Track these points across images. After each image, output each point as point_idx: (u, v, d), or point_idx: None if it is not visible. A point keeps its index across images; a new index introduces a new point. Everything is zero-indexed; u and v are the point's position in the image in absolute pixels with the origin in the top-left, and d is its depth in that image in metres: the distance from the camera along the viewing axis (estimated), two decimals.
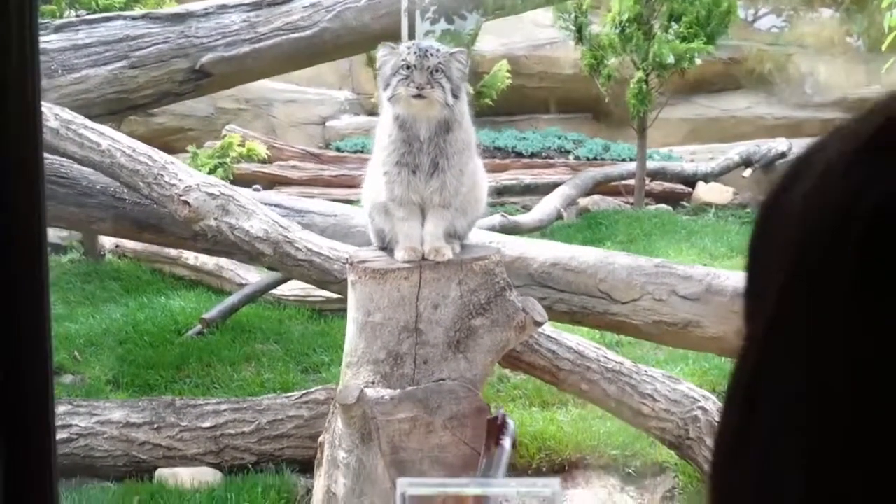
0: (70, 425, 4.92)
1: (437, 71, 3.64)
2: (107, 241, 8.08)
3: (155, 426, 5.00)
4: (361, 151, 10.93)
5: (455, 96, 3.67)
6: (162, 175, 4.61)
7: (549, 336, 4.29)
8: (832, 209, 0.60)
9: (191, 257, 7.50)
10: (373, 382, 3.73)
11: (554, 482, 1.48)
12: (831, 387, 0.59)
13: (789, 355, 0.61)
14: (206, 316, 6.54)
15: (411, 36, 6.67)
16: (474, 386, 3.75)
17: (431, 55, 3.65)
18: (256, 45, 6.18)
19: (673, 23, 9.32)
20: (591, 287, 4.66)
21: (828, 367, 0.59)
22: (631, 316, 4.60)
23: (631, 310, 4.60)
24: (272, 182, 10.37)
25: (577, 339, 4.37)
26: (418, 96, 3.62)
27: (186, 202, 4.51)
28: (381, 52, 3.75)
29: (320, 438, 3.96)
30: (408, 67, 3.63)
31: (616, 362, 4.30)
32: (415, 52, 3.65)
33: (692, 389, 4.23)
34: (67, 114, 4.94)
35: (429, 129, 3.70)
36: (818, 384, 0.59)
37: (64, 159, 5.21)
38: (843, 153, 0.61)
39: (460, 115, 3.76)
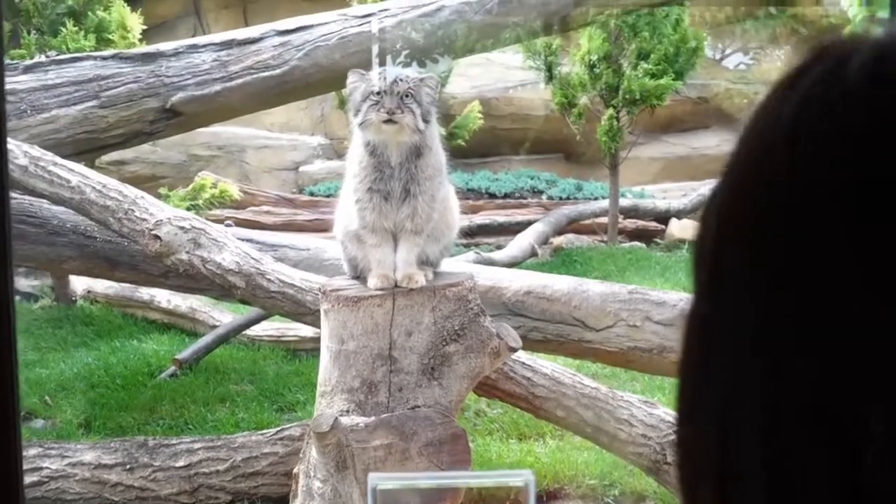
0: (41, 468, 4.84)
1: (406, 96, 3.65)
2: (78, 287, 8.02)
3: (127, 467, 4.92)
4: (335, 196, 10.94)
5: (426, 121, 3.69)
6: (132, 210, 4.58)
7: (524, 363, 4.28)
8: (758, 143, 0.64)
9: (163, 300, 7.45)
10: (347, 411, 3.70)
11: (526, 473, 1.46)
12: (778, 311, 0.60)
13: (736, 300, 0.62)
14: (180, 356, 6.48)
15: None
16: (449, 412, 3.72)
17: (401, 80, 3.67)
18: (227, 84, 6.18)
19: (642, 61, 9.41)
20: (566, 315, 4.66)
21: (772, 289, 0.60)
22: (605, 343, 4.59)
23: (605, 337, 4.59)
24: (246, 228, 10.35)
25: (552, 366, 4.36)
26: (389, 121, 3.63)
27: (157, 236, 4.48)
28: (351, 79, 3.77)
29: (295, 469, 3.92)
30: (378, 93, 3.64)
31: (592, 388, 4.28)
32: (385, 78, 3.67)
33: (668, 413, 4.20)
34: (36, 151, 4.91)
35: (399, 155, 3.70)
36: (765, 303, 0.60)
37: (33, 198, 5.18)
38: (768, 96, 0.66)
39: (431, 139, 3.76)
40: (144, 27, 8.17)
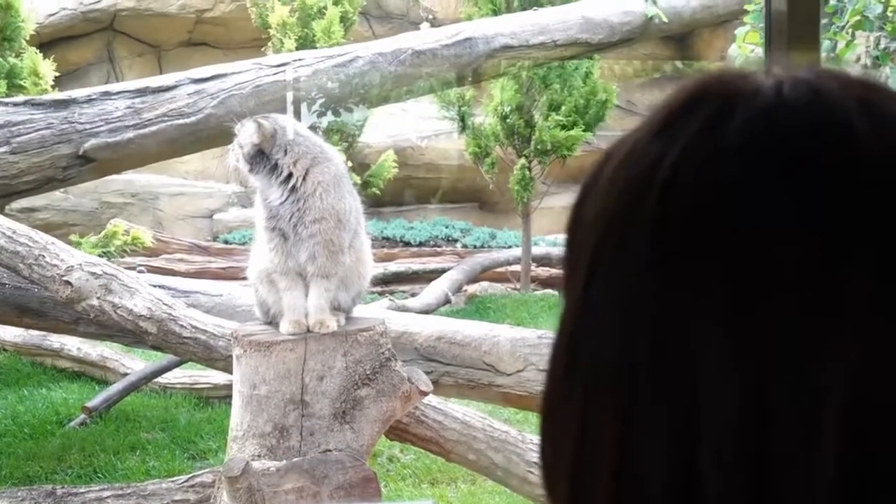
0: None
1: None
2: None
3: None
4: (249, 244, 10.90)
5: (247, 163, 3.85)
6: (43, 256, 4.56)
7: (435, 407, 4.33)
8: (635, 181, 0.66)
9: (73, 348, 7.36)
10: (259, 455, 3.72)
11: (428, 503, 1.52)
12: (636, 343, 0.64)
13: (600, 315, 0.66)
14: (89, 404, 6.40)
15: None
16: (361, 456, 3.76)
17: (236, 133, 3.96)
18: (141, 131, 6.18)
19: (553, 112, 9.61)
20: (477, 360, 4.73)
21: (631, 324, 0.64)
22: (516, 387, 4.67)
23: (516, 381, 4.67)
24: (159, 275, 10.25)
25: (462, 409, 4.42)
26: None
27: (68, 282, 4.46)
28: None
29: None
30: None
31: (502, 431, 4.35)
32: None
33: None
34: None
35: (279, 196, 3.85)
36: (625, 340, 0.64)
37: None
38: (649, 128, 0.68)
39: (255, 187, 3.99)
40: (57, 74, 8.12)
